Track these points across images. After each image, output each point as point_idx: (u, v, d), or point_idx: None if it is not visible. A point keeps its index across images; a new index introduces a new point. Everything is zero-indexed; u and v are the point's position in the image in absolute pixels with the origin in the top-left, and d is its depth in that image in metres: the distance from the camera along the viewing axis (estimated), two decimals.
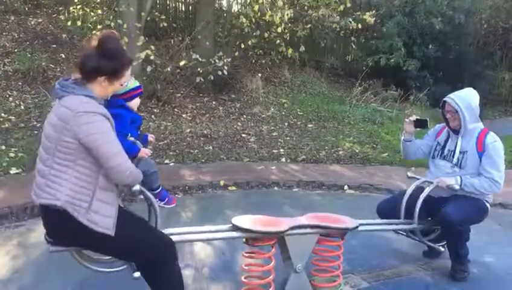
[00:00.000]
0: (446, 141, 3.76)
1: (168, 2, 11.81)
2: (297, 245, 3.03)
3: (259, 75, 10.63)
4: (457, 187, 3.49)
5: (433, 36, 11.84)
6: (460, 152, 3.61)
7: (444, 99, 3.65)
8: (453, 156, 3.64)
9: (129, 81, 2.55)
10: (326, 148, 7.92)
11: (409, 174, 3.93)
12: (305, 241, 3.06)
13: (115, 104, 2.56)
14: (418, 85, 11.61)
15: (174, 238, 2.64)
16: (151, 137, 2.93)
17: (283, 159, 7.18)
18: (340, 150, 7.86)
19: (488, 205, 3.64)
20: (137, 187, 2.44)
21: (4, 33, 10.12)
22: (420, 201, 3.55)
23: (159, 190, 2.82)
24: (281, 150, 7.63)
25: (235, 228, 2.92)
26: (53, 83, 8.65)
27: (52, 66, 9.24)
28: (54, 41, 10.08)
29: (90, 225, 2.21)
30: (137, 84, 2.73)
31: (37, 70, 8.64)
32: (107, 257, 2.63)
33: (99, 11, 8.56)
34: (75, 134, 2.12)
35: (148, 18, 9.15)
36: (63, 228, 2.24)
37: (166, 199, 2.87)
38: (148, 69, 7.82)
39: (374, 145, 8.20)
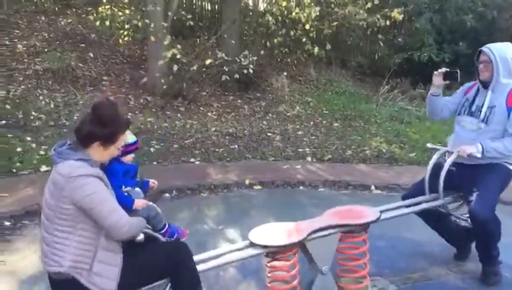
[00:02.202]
0: (475, 97, 3.55)
1: (194, 1, 11.86)
2: (320, 247, 2.99)
3: (285, 73, 10.57)
4: (479, 155, 3.29)
5: (464, 33, 11.55)
6: (488, 107, 3.39)
7: (480, 48, 3.47)
8: (480, 112, 3.43)
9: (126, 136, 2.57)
10: (353, 147, 7.82)
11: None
12: (327, 241, 3.02)
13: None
14: (448, 83, 11.33)
15: None
16: (152, 183, 2.93)
17: (308, 159, 7.12)
18: (366, 149, 7.74)
19: (511, 167, 3.46)
20: (140, 237, 2.45)
21: (35, 33, 10.35)
22: (443, 173, 3.40)
23: (165, 229, 2.81)
24: (307, 149, 7.57)
25: (253, 245, 2.90)
26: (81, 82, 8.85)
27: (81, 65, 9.40)
28: (83, 40, 10.25)
29: (92, 287, 2.22)
30: (134, 139, 2.77)
31: (66, 70, 8.80)
32: None
33: (127, 11, 8.65)
34: (71, 199, 2.16)
35: (175, 17, 9.22)
36: None
37: (176, 235, 2.87)
38: (175, 68, 7.87)
39: (402, 145, 8.05)
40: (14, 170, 5.49)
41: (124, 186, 2.67)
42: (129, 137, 2.68)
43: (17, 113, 7.11)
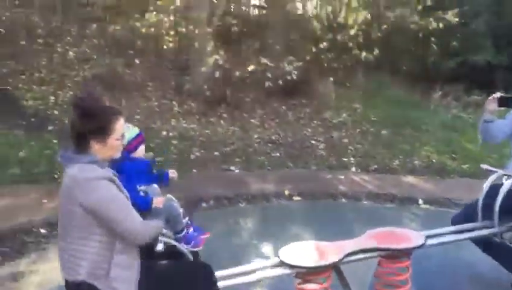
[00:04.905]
0: None
1: (240, 7, 11.82)
2: (356, 271, 2.77)
3: (331, 79, 10.30)
4: None
5: None
6: None
7: None
8: None
9: (127, 132, 2.43)
10: (401, 157, 7.45)
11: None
12: (365, 266, 2.79)
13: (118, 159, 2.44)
14: (506, 88, 10.67)
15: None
16: (172, 173, 2.78)
17: (353, 168, 6.83)
18: (415, 159, 7.35)
19: None
20: (160, 247, 2.34)
21: (85, 40, 10.64)
22: (500, 198, 3.05)
23: (183, 233, 2.65)
24: (351, 158, 7.28)
25: (283, 264, 2.71)
26: (127, 88, 8.96)
27: (128, 71, 9.55)
28: (130, 47, 10.42)
29: None
30: (137, 131, 2.62)
31: (113, 76, 8.95)
32: None
33: (172, 17, 8.70)
34: (83, 204, 2.04)
35: (220, 23, 9.19)
36: None
37: (193, 242, 2.70)
38: (217, 74, 7.80)
39: (454, 155, 7.59)
40: (56, 176, 5.57)
41: (138, 185, 2.54)
42: (130, 130, 2.54)
43: (64, 119, 7.26)
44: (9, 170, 5.37)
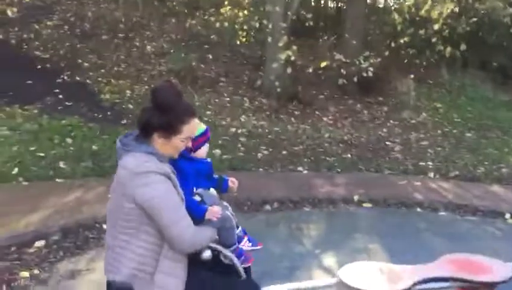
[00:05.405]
0: None
1: (317, 0, 11.48)
2: None
3: (412, 76, 9.72)
4: None
5: None
6: None
7: None
8: None
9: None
10: (486, 163, 6.80)
11: None
12: None
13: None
14: None
15: None
16: (231, 182, 2.52)
17: (431, 174, 6.33)
18: (503, 166, 6.68)
19: None
20: (207, 255, 2.14)
21: (164, 35, 10.87)
22: None
23: (234, 247, 2.37)
24: (430, 162, 6.75)
25: (343, 285, 2.46)
26: (200, 83, 9.01)
27: (202, 66, 9.61)
28: (206, 42, 10.50)
29: None
30: (204, 128, 2.34)
31: (187, 70, 9.03)
32: None
33: (246, 12, 8.58)
34: (133, 198, 1.88)
35: (294, 17, 8.95)
36: None
37: (242, 258, 2.39)
38: (288, 70, 7.58)
39: None
40: None
41: (195, 188, 2.30)
42: (197, 127, 2.26)
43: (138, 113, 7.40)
44: (82, 163, 5.52)
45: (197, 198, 2.30)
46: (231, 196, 4.79)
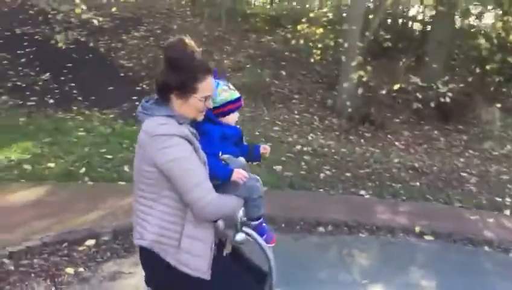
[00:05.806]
0: None
1: (399, 20, 11.14)
2: None
3: (498, 105, 9.05)
4: None
5: None
6: None
7: None
8: None
9: (225, 92, 2.12)
10: None
11: None
12: None
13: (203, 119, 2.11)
14: None
15: None
16: (263, 149, 2.35)
17: (507, 211, 5.80)
18: None
19: None
20: (241, 237, 2.03)
21: (242, 50, 11.10)
22: None
23: (258, 222, 2.22)
24: (508, 199, 6.20)
25: None
26: (272, 99, 9.06)
27: (276, 82, 9.66)
28: (282, 58, 10.56)
29: (180, 267, 1.90)
30: (236, 95, 2.19)
31: (261, 85, 9.12)
32: None
33: (322, 29, 8.52)
34: (153, 161, 1.84)
35: (372, 37, 8.74)
36: (154, 271, 1.99)
37: (265, 236, 2.26)
38: (359, 90, 7.38)
39: None
40: None
41: (221, 153, 2.12)
42: (228, 93, 2.17)
43: None
44: None
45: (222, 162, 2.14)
46: (282, 216, 4.76)
